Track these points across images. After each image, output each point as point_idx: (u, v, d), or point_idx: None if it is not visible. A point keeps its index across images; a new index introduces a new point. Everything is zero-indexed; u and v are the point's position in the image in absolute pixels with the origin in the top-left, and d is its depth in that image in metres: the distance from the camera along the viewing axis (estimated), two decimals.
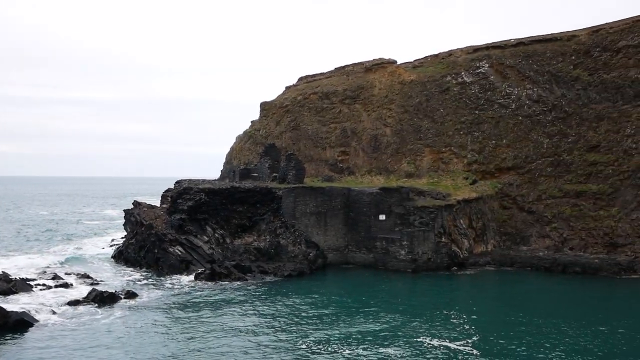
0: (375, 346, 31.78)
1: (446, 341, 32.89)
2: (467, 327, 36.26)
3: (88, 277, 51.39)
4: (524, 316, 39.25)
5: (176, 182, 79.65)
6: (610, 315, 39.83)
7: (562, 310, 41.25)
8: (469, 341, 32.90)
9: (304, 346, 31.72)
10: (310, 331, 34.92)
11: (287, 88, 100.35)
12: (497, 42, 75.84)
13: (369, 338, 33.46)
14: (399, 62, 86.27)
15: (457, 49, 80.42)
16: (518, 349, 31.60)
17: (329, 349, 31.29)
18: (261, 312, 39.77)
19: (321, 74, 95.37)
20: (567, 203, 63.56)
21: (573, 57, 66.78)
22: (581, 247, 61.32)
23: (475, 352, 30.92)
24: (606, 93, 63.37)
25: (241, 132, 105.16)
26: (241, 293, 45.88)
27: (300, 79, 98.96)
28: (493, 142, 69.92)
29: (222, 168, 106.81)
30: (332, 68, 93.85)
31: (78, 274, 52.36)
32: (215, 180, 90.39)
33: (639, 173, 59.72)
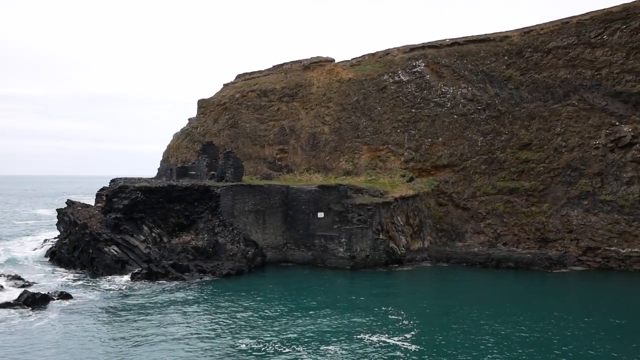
0: (316, 344, 31.87)
1: (385, 336, 33.28)
2: (405, 322, 36.79)
3: (19, 278, 49.57)
4: (459, 310, 40.16)
5: (111, 181, 78.17)
6: (542, 308, 41.10)
7: (496, 304, 42.38)
8: (407, 336, 33.39)
9: (243, 346, 31.51)
10: (250, 330, 34.72)
11: (225, 85, 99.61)
12: (433, 41, 77.06)
13: (309, 336, 33.52)
14: (337, 61, 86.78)
15: (394, 48, 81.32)
16: (455, 341, 32.25)
17: (270, 348, 31.19)
18: (199, 312, 39.32)
19: (259, 71, 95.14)
20: (500, 200, 65.28)
21: (506, 57, 68.49)
22: (514, 243, 63.13)
23: (414, 346, 31.40)
24: (537, 92, 65.21)
25: (179, 130, 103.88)
26: (179, 293, 45.24)
27: (239, 76, 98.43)
28: (429, 140, 71.15)
29: (159, 166, 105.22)
30: (271, 66, 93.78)
31: (8, 276, 50.42)
32: (152, 178, 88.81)
33: (568, 170, 61.76)
